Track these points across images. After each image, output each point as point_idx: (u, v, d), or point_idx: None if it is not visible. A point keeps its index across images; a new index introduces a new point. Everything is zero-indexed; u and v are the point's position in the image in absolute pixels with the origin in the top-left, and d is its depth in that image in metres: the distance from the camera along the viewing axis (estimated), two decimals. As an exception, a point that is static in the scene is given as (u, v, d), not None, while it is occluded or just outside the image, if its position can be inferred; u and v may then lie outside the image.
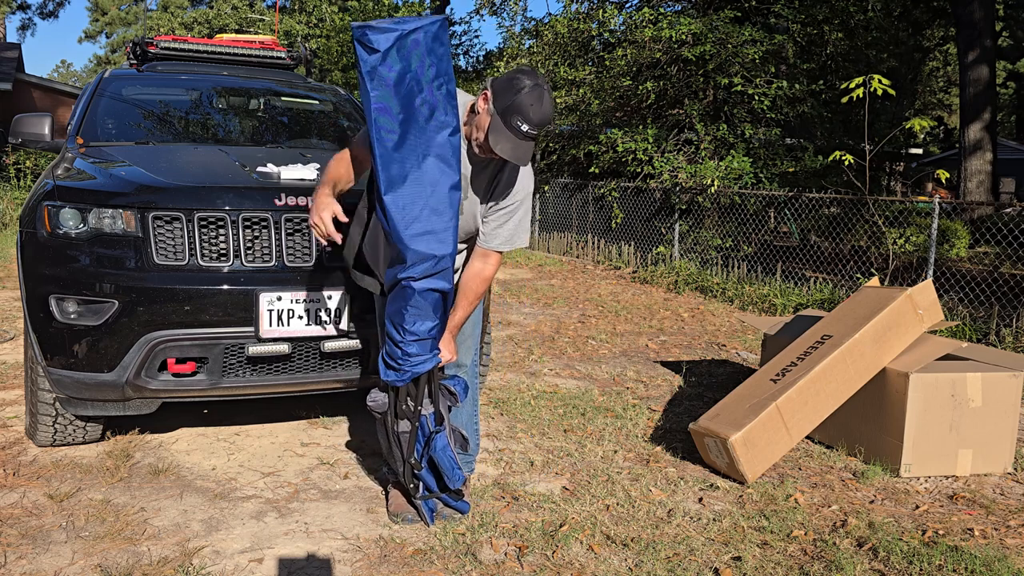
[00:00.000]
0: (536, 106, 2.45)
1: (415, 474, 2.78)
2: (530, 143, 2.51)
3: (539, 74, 2.52)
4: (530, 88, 2.46)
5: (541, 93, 2.46)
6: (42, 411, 3.27)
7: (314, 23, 27.07)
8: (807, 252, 8.83)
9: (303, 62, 5.55)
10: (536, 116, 2.46)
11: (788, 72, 11.16)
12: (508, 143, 2.48)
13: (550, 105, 2.49)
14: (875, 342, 3.42)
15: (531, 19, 15.97)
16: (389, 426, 2.74)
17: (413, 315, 2.53)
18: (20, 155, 14.26)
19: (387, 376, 2.65)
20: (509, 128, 2.47)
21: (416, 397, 2.70)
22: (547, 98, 2.48)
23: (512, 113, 2.45)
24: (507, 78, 2.51)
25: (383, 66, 2.42)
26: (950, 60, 28.21)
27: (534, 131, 2.48)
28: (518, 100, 2.45)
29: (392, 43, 2.40)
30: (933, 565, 2.62)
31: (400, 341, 2.57)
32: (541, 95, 2.46)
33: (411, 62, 2.43)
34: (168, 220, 3.03)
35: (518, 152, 2.49)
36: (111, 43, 43.48)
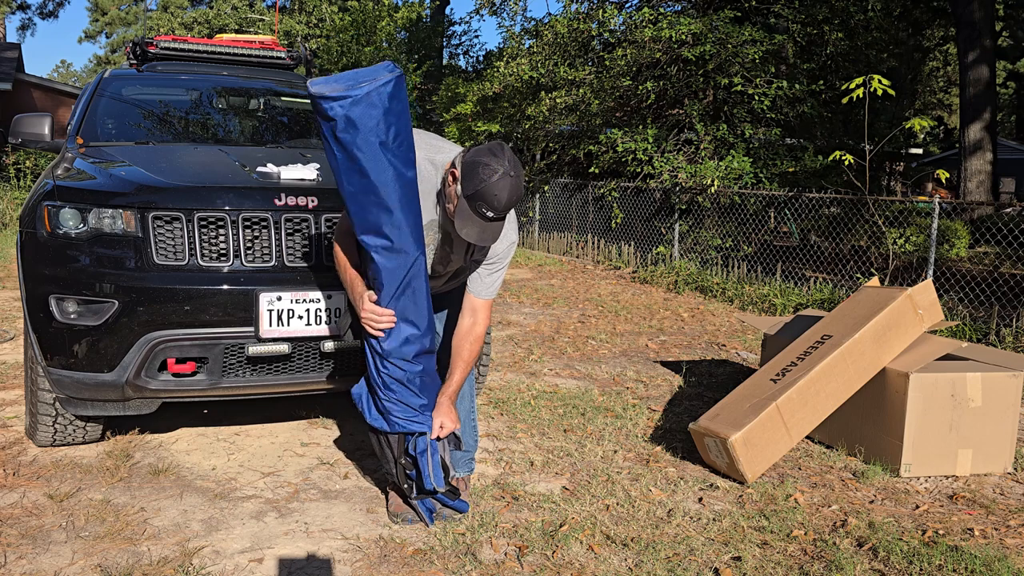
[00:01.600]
0: (502, 193, 2.43)
1: (407, 474, 2.78)
2: (498, 223, 2.51)
3: (506, 154, 2.48)
4: (498, 176, 2.43)
5: (508, 182, 2.44)
6: (42, 411, 3.27)
7: (314, 23, 27.07)
8: (807, 252, 8.83)
9: (303, 62, 5.55)
10: (502, 202, 2.45)
11: (788, 72, 11.16)
12: (474, 228, 2.48)
13: (517, 190, 2.46)
14: (875, 342, 3.42)
15: (531, 19, 15.96)
16: None
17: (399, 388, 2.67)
18: (20, 155, 14.26)
19: (374, 422, 2.75)
20: (475, 213, 2.47)
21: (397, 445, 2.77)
22: (514, 184, 2.45)
23: (478, 200, 2.45)
24: (473, 161, 2.47)
25: (341, 132, 2.41)
26: (950, 60, 28.22)
27: (502, 214, 2.48)
28: (484, 189, 2.43)
29: (346, 109, 2.37)
30: (933, 565, 2.62)
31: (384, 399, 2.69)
32: (507, 184, 2.44)
33: (369, 124, 2.40)
34: (168, 220, 3.03)
35: (484, 235, 2.50)
36: (111, 43, 43.47)
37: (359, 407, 2.79)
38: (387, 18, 17.70)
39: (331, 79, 2.45)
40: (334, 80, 2.43)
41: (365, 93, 2.36)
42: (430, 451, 2.74)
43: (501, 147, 2.50)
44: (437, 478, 2.74)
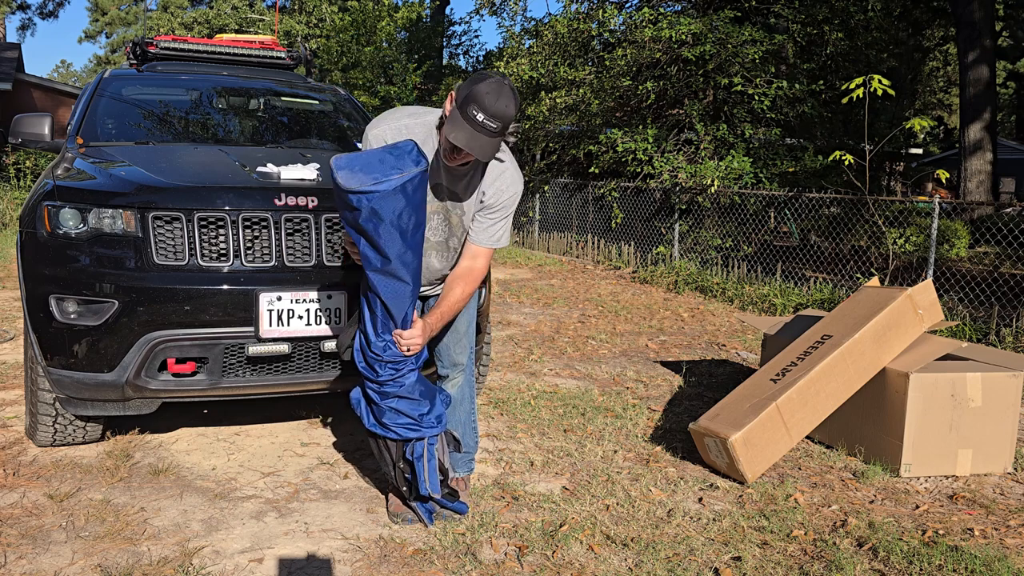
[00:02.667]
0: (492, 96, 2.41)
1: (405, 478, 2.79)
2: (488, 137, 2.45)
3: (498, 74, 2.50)
4: (490, 81, 2.44)
5: (500, 86, 2.43)
6: (42, 411, 3.27)
7: (314, 23, 27.07)
8: (807, 252, 8.83)
9: (303, 62, 5.55)
10: (492, 106, 2.41)
11: (788, 72, 11.16)
12: (463, 132, 2.43)
13: (509, 99, 2.43)
14: (875, 342, 3.42)
15: (531, 19, 15.93)
16: None
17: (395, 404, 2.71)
18: (20, 155, 14.26)
19: (373, 428, 2.77)
20: (465, 118, 2.43)
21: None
22: (506, 92, 2.43)
23: (469, 103, 2.42)
24: (474, 76, 2.50)
25: (364, 220, 2.43)
26: (950, 60, 28.22)
27: (492, 123, 2.42)
28: (475, 90, 2.42)
29: (372, 202, 2.40)
30: (933, 565, 2.62)
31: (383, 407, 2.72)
32: (500, 88, 2.43)
33: (391, 215, 2.43)
34: (168, 220, 3.03)
35: (473, 143, 2.43)
36: (111, 43, 43.46)
37: (357, 412, 2.80)
38: (387, 18, 17.69)
39: (355, 162, 2.45)
40: (359, 165, 2.43)
41: (391, 189, 2.39)
42: (427, 456, 2.75)
43: (496, 71, 2.52)
44: (432, 483, 2.75)
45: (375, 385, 2.69)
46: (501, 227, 2.79)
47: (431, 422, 2.74)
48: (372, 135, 2.68)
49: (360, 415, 2.79)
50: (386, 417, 2.70)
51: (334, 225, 3.24)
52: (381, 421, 2.72)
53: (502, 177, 2.72)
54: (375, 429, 2.75)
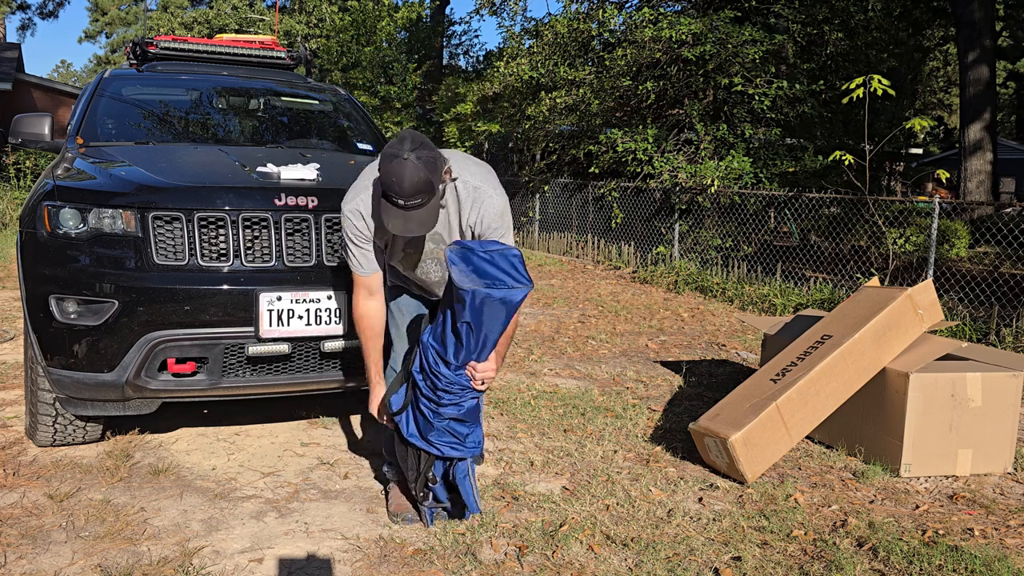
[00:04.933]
0: (397, 179, 2.39)
1: (428, 487, 2.79)
2: (420, 211, 2.46)
3: (413, 139, 2.44)
4: (395, 162, 2.40)
5: (402, 165, 2.39)
6: (42, 411, 3.27)
7: (314, 23, 27.06)
8: (807, 252, 8.83)
9: (303, 62, 5.55)
10: (403, 189, 2.40)
11: (788, 72, 11.15)
12: (397, 220, 2.46)
13: (414, 171, 2.39)
14: (875, 342, 3.42)
15: (531, 19, 15.94)
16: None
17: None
18: (20, 155, 14.26)
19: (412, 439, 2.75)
20: (391, 204, 2.46)
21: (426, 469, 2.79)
22: (409, 165, 2.39)
23: (386, 191, 2.45)
24: (383, 151, 2.46)
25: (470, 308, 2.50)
26: (950, 60, 28.21)
27: (414, 200, 2.42)
28: (384, 178, 2.43)
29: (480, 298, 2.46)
30: (933, 565, 2.62)
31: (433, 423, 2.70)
32: (402, 167, 2.39)
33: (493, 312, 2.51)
34: (168, 220, 3.03)
35: (409, 225, 2.46)
36: (111, 43, 43.45)
37: (390, 413, 2.76)
38: (387, 18, 17.69)
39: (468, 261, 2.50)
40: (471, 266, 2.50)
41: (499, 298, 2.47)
42: (471, 477, 2.77)
43: (406, 133, 2.48)
44: (475, 504, 2.79)
45: (432, 404, 2.66)
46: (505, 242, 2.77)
47: (473, 443, 2.73)
48: (349, 212, 2.68)
49: (399, 421, 2.75)
50: (433, 434, 2.69)
51: (334, 225, 3.24)
52: (426, 436, 2.70)
53: (478, 203, 2.67)
54: (415, 441, 2.72)
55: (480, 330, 2.52)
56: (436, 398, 2.64)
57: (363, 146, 4.53)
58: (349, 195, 2.71)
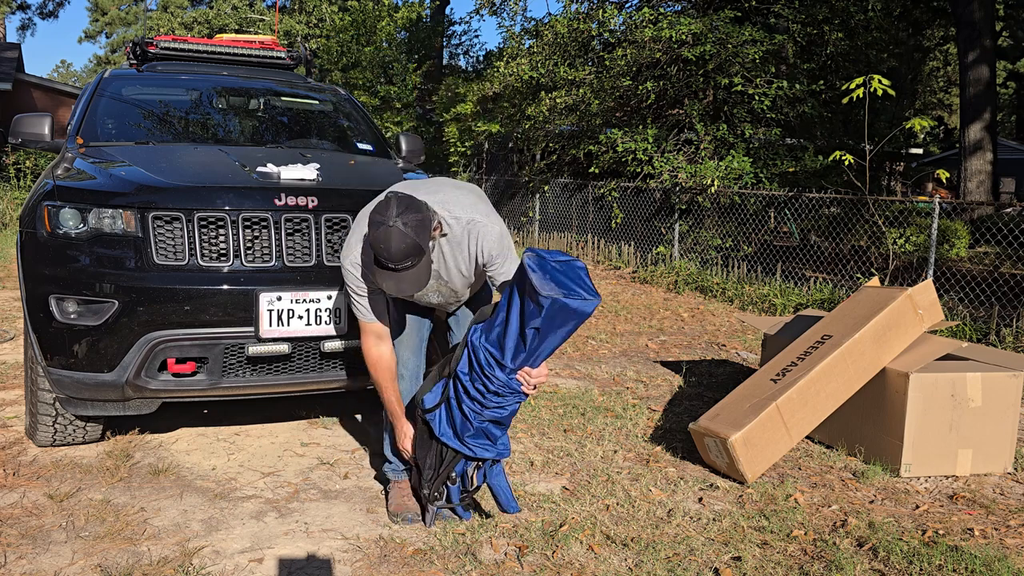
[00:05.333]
0: (384, 246, 2.41)
1: (446, 486, 2.78)
2: (410, 271, 2.47)
3: (399, 203, 2.45)
4: (381, 229, 2.41)
5: (388, 232, 2.40)
6: (42, 411, 3.27)
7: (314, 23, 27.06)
8: (807, 252, 8.83)
9: (303, 62, 5.55)
10: (391, 254, 2.42)
11: (788, 72, 11.15)
12: (390, 281, 2.49)
13: (400, 236, 2.41)
14: (875, 342, 3.42)
15: (531, 19, 15.93)
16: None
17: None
18: (20, 155, 14.25)
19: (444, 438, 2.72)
20: (382, 268, 2.48)
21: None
22: (397, 233, 2.40)
23: (377, 257, 2.47)
24: (371, 217, 2.46)
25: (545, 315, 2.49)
26: (950, 60, 28.21)
27: (403, 263, 2.44)
28: (374, 244, 2.44)
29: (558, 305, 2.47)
30: (933, 565, 2.62)
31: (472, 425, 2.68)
32: (388, 234, 2.40)
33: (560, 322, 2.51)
34: (168, 220, 3.03)
35: (401, 285, 2.49)
36: (111, 43, 43.45)
37: (430, 419, 2.74)
38: (387, 18, 17.69)
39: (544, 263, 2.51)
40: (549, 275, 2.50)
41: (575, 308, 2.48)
42: (504, 475, 2.77)
43: (393, 196, 2.48)
44: (514, 505, 2.77)
45: (477, 406, 2.64)
46: (509, 264, 2.76)
47: (503, 445, 2.73)
48: (348, 270, 2.69)
49: (430, 419, 2.73)
50: (469, 435, 2.67)
51: (334, 225, 3.24)
52: (461, 436, 2.68)
53: (475, 237, 2.67)
54: (448, 440, 2.70)
55: (546, 337, 2.52)
56: (483, 399, 2.62)
57: (363, 146, 4.53)
58: (345, 249, 2.71)
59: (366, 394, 3.70)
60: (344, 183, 3.43)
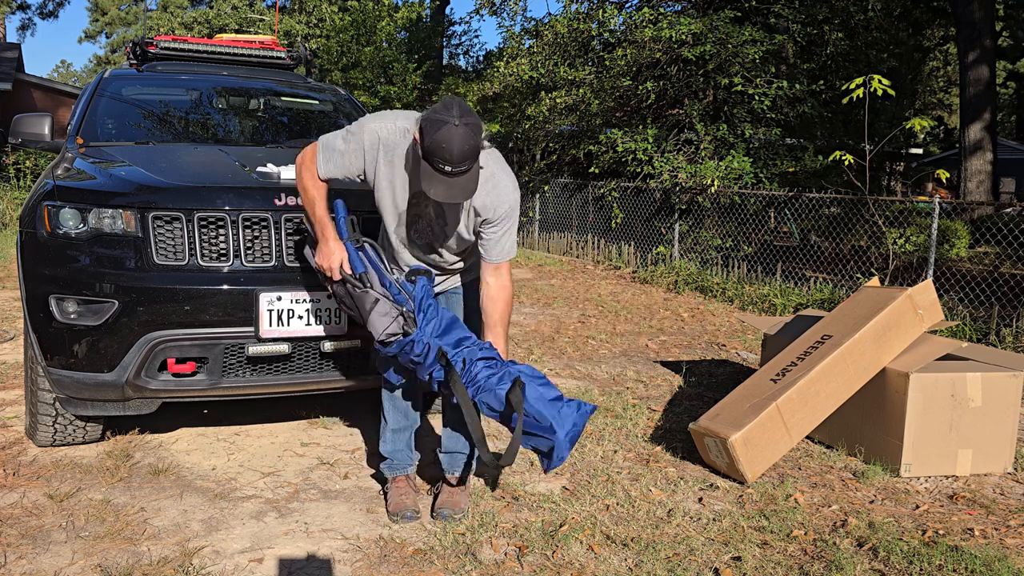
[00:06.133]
0: (449, 144, 2.36)
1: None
2: (464, 177, 2.44)
3: (459, 106, 2.43)
4: (446, 128, 2.37)
5: (454, 131, 2.37)
6: (42, 411, 3.27)
7: (314, 23, 27.07)
8: (807, 252, 8.83)
9: (303, 62, 5.55)
10: (453, 154, 2.37)
11: (788, 72, 11.16)
12: (440, 186, 2.43)
13: (468, 138, 2.39)
14: (875, 342, 3.42)
15: (531, 19, 15.94)
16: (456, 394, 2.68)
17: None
18: (20, 155, 14.26)
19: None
20: (435, 170, 2.43)
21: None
22: (462, 133, 2.38)
23: (432, 156, 2.40)
24: (428, 116, 2.43)
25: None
26: (950, 60, 28.22)
27: (461, 166, 2.41)
28: (434, 142, 2.38)
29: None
30: (933, 565, 2.62)
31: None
32: (454, 133, 2.37)
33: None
34: (168, 220, 3.03)
35: (452, 191, 2.44)
36: (111, 43, 43.46)
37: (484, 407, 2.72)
38: (387, 18, 17.70)
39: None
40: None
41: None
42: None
43: (452, 100, 2.46)
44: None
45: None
46: (507, 239, 2.77)
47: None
48: (368, 129, 2.66)
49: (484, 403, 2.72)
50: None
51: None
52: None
53: (493, 192, 2.66)
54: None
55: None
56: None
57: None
58: (374, 117, 2.66)
59: (366, 394, 3.70)
60: (344, 183, 3.43)
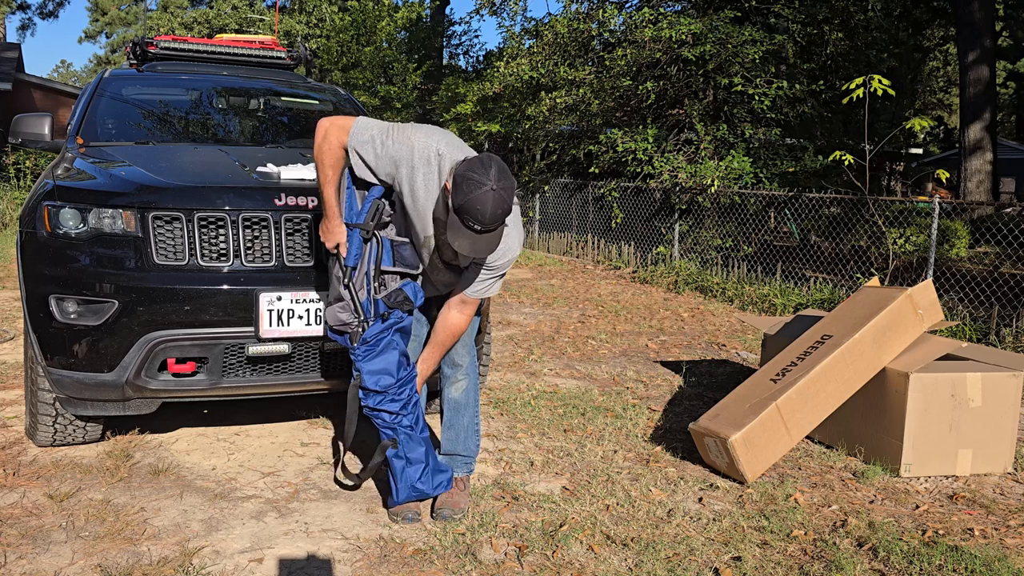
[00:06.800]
0: (485, 208, 2.41)
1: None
2: (490, 235, 2.50)
3: (493, 166, 2.45)
4: (483, 191, 2.41)
5: (491, 196, 2.41)
6: (42, 411, 3.27)
7: (314, 23, 27.07)
8: (807, 252, 8.83)
9: (303, 62, 5.55)
10: (485, 217, 2.42)
11: (788, 72, 11.17)
12: (466, 240, 2.48)
13: (502, 203, 2.43)
14: (875, 342, 3.42)
15: (531, 19, 15.91)
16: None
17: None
18: (20, 155, 14.25)
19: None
20: (464, 226, 2.47)
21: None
22: (497, 198, 2.42)
23: (464, 213, 2.44)
24: (462, 174, 2.45)
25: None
26: (950, 60, 28.21)
27: (491, 227, 2.46)
28: (468, 203, 2.42)
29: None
30: (933, 565, 2.62)
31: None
32: (490, 198, 2.41)
33: None
34: (168, 220, 3.03)
35: (477, 246, 2.50)
36: (111, 43, 43.46)
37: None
38: (387, 18, 17.70)
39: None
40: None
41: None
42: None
43: (489, 159, 2.49)
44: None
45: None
46: (491, 285, 2.82)
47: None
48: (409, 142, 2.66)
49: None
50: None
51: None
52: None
53: (501, 247, 2.69)
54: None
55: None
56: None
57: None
58: (419, 134, 2.67)
59: (366, 394, 3.70)
60: None
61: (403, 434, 2.83)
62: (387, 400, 2.79)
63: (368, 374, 2.76)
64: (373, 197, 2.77)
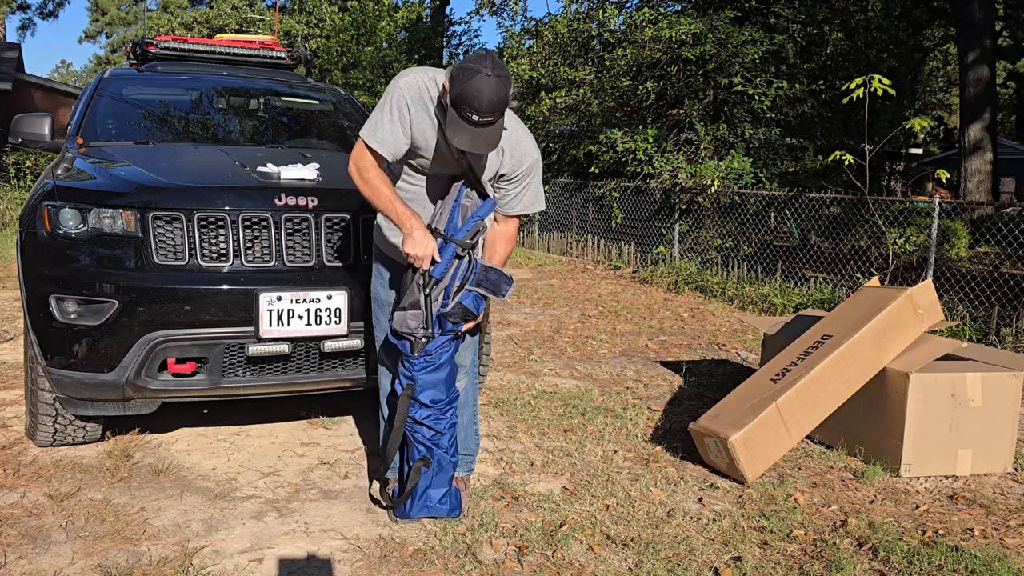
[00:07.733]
0: (481, 93, 2.39)
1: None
2: (489, 128, 2.46)
3: (492, 59, 2.45)
4: (478, 77, 2.39)
5: (487, 82, 2.39)
6: (42, 411, 3.27)
7: (314, 23, 27.08)
8: (807, 252, 8.83)
9: (303, 62, 5.55)
10: (483, 104, 2.40)
11: (788, 72, 11.17)
12: (465, 135, 2.46)
13: (497, 88, 2.41)
14: (875, 342, 3.42)
15: (531, 19, 15.92)
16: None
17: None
18: (20, 155, 14.25)
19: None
20: (463, 119, 2.44)
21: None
22: (493, 82, 2.40)
23: (461, 104, 2.42)
24: (460, 66, 2.46)
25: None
26: (950, 60, 28.20)
27: (488, 117, 2.43)
28: (464, 91, 2.40)
29: None
30: (933, 565, 2.62)
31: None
32: (486, 83, 2.39)
33: None
34: (168, 220, 3.03)
35: (476, 141, 2.47)
36: (111, 43, 43.47)
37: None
38: (387, 18, 17.71)
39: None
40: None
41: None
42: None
43: (484, 52, 2.48)
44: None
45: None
46: (532, 191, 2.78)
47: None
48: (401, 83, 2.65)
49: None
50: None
51: (334, 225, 3.24)
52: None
53: (516, 149, 2.70)
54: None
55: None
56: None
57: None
58: (408, 76, 2.66)
59: (366, 394, 3.70)
60: (344, 183, 3.42)
61: (438, 454, 2.81)
62: (434, 417, 2.76)
63: (422, 386, 2.73)
64: (477, 217, 2.75)
